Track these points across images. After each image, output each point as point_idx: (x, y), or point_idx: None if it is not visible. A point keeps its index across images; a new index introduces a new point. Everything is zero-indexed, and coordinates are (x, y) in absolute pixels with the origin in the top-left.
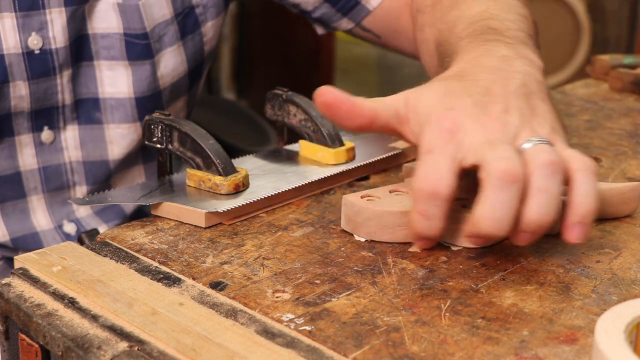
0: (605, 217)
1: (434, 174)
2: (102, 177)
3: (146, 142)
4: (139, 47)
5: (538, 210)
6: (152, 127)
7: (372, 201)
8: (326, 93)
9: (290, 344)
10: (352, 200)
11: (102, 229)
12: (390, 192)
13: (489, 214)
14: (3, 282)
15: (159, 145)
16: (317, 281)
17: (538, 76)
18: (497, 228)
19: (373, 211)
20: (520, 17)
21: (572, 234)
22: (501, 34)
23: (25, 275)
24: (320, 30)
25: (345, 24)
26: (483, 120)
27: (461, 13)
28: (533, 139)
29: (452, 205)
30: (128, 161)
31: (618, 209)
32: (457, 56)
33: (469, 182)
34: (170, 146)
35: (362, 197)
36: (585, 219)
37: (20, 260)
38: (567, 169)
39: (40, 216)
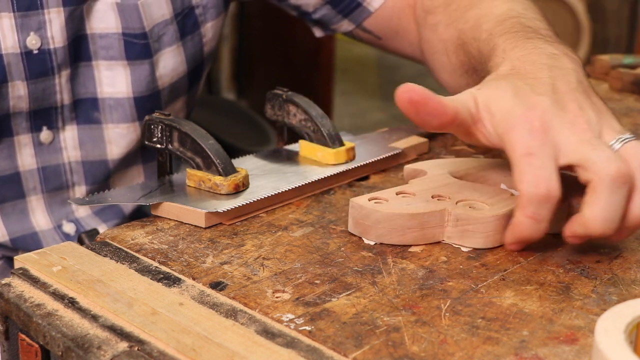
0: None
1: (543, 178)
2: (101, 177)
3: (146, 142)
4: (138, 46)
5: None
6: (152, 127)
7: (381, 204)
8: (412, 90)
9: (290, 344)
10: (360, 203)
11: (102, 229)
12: (396, 194)
13: (601, 215)
14: (3, 282)
15: (159, 145)
16: (317, 281)
17: (584, 72)
18: (608, 228)
19: (383, 214)
20: (541, 17)
21: None
22: (538, 32)
23: (25, 275)
24: (318, 33)
25: (346, 25)
26: (568, 118)
27: (483, 12)
28: (621, 137)
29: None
30: (127, 161)
31: None
32: (501, 53)
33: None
34: (170, 146)
35: (369, 200)
36: None
37: (20, 260)
38: None
39: (39, 216)
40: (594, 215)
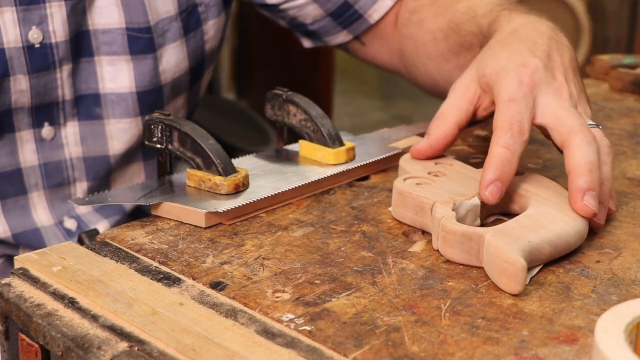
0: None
1: (518, 118)
2: (102, 173)
3: (146, 142)
4: (142, 40)
5: (606, 176)
6: (152, 127)
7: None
8: (420, 147)
9: (290, 344)
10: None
11: (103, 225)
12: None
13: (586, 157)
14: (3, 282)
15: (159, 145)
16: (317, 281)
17: (576, 55)
18: (595, 169)
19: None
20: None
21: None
22: (533, 12)
23: (25, 275)
24: (307, 44)
25: (343, 37)
26: (554, 85)
27: (473, 2)
28: (589, 122)
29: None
30: (128, 157)
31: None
32: (506, 17)
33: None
34: (170, 146)
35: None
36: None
37: (20, 260)
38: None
39: (40, 212)
40: (578, 160)
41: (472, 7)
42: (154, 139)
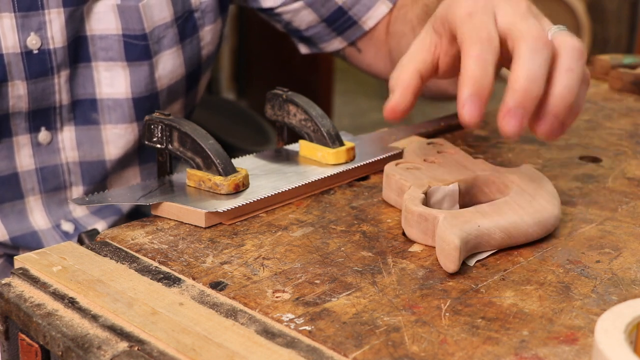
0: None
1: (484, 27)
2: (99, 178)
3: (146, 142)
4: (138, 48)
5: (566, 86)
6: (152, 127)
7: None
8: (391, 109)
9: (290, 344)
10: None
11: (100, 225)
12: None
13: (525, 71)
14: (3, 282)
15: (159, 145)
16: (317, 281)
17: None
18: (533, 86)
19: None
20: None
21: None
22: None
23: (25, 275)
24: (304, 50)
25: (338, 43)
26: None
27: None
28: (553, 27)
29: None
30: (124, 162)
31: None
32: None
33: None
34: (170, 146)
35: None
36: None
37: (20, 260)
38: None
39: (37, 216)
40: (517, 74)
41: None
42: (154, 139)
